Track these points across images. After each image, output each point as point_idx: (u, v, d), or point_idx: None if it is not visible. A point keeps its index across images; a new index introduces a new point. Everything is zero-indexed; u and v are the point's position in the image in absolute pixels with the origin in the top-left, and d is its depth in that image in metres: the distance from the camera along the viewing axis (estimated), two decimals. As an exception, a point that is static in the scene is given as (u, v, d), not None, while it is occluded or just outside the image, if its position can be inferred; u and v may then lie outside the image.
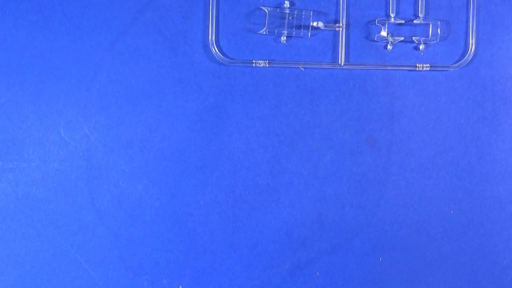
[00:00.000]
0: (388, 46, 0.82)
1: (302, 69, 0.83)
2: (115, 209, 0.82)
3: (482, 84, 0.84)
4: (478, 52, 0.83)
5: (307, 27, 0.81)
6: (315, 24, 0.81)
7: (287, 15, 0.81)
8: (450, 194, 0.84)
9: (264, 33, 0.81)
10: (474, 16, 0.83)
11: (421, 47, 0.82)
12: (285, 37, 0.81)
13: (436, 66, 0.83)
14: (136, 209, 0.82)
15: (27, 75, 0.81)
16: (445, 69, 0.83)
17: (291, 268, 0.84)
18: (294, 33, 0.81)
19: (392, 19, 0.82)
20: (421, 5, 0.82)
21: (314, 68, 0.82)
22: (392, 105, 0.83)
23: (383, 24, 0.82)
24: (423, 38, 0.82)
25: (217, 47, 0.81)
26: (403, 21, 0.82)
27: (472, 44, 0.83)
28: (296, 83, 0.83)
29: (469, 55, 0.83)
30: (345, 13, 0.82)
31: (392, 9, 0.82)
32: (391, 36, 0.82)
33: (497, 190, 0.84)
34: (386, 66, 0.83)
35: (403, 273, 0.84)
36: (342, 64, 0.82)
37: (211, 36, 0.81)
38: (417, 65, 0.82)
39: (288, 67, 0.82)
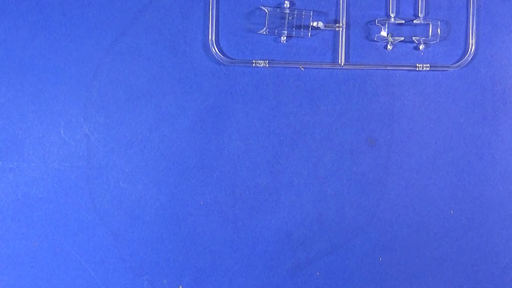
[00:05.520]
0: (388, 46, 0.82)
1: (302, 69, 0.83)
2: (115, 209, 0.82)
3: (482, 84, 0.84)
4: (478, 52, 0.83)
5: (307, 27, 0.81)
6: (315, 24, 0.81)
7: (287, 15, 0.81)
8: (450, 194, 0.84)
9: (264, 33, 0.81)
10: (474, 16, 0.83)
11: (421, 47, 0.82)
12: (285, 37, 0.81)
13: (436, 66, 0.83)
14: (136, 209, 0.82)
15: (27, 75, 0.81)
16: (445, 69, 0.83)
17: (291, 268, 0.84)
18: (294, 33, 0.81)
19: (392, 19, 0.82)
20: (421, 5, 0.82)
21: (314, 68, 0.82)
22: (392, 105, 0.83)
23: (383, 24, 0.82)
24: (423, 38, 0.82)
25: (217, 47, 0.81)
26: (403, 21, 0.82)
27: (472, 44, 0.83)
28: (296, 83, 0.83)
29: (469, 55, 0.83)
30: (345, 13, 0.82)
31: (392, 9, 0.82)
32: (391, 36, 0.82)
33: (497, 190, 0.84)
34: (386, 66, 0.83)
35: (403, 273, 0.84)
36: (342, 64, 0.82)
37: (211, 36, 0.81)
38: (417, 65, 0.82)
39: (288, 67, 0.82)
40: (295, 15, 0.81)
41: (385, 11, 0.83)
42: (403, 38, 0.82)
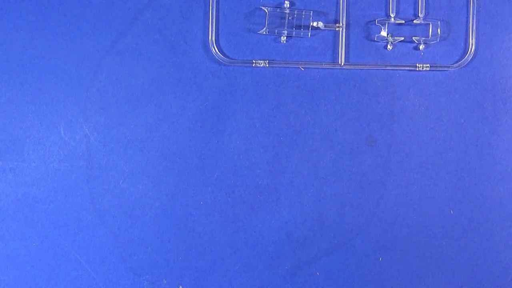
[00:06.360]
0: (388, 46, 0.82)
1: (302, 69, 0.83)
2: (115, 209, 0.82)
3: (482, 84, 0.84)
4: (478, 52, 0.83)
5: (307, 27, 0.81)
6: (315, 24, 0.81)
7: (287, 15, 0.81)
8: (450, 194, 0.84)
9: (264, 33, 0.81)
10: (474, 16, 0.83)
11: (421, 47, 0.83)
12: (285, 37, 0.81)
13: (436, 66, 0.83)
14: (136, 209, 0.82)
15: (27, 75, 0.81)
16: (445, 69, 0.83)
17: (291, 268, 0.84)
18: (294, 33, 0.81)
19: (392, 19, 0.82)
20: (421, 5, 0.82)
21: (314, 68, 0.82)
22: (392, 105, 0.83)
23: (383, 24, 0.82)
24: (423, 38, 0.82)
25: (217, 47, 0.81)
26: (403, 21, 0.82)
27: (472, 44, 0.83)
28: (296, 83, 0.83)
29: (469, 55, 0.83)
30: (345, 13, 0.82)
31: (392, 9, 0.82)
32: (391, 36, 0.82)
33: (497, 190, 0.84)
34: (386, 66, 0.83)
35: (403, 273, 0.84)
36: (342, 64, 0.82)
37: (211, 36, 0.81)
38: (417, 65, 0.82)
39: (288, 67, 0.82)
40: (295, 15, 0.81)
41: (385, 11, 0.83)
42: (403, 38, 0.82)
